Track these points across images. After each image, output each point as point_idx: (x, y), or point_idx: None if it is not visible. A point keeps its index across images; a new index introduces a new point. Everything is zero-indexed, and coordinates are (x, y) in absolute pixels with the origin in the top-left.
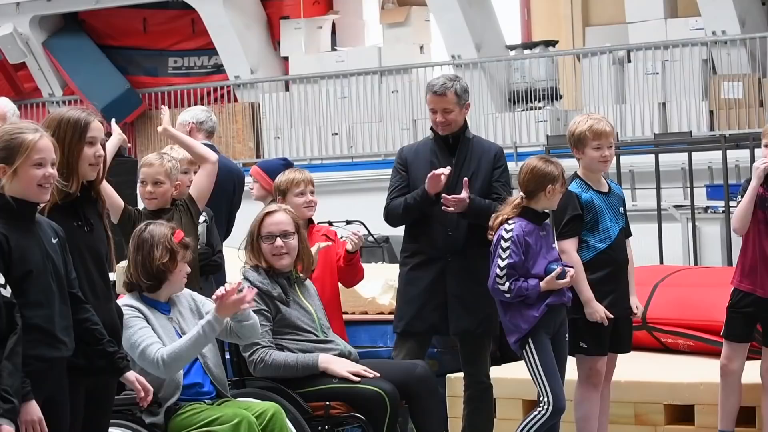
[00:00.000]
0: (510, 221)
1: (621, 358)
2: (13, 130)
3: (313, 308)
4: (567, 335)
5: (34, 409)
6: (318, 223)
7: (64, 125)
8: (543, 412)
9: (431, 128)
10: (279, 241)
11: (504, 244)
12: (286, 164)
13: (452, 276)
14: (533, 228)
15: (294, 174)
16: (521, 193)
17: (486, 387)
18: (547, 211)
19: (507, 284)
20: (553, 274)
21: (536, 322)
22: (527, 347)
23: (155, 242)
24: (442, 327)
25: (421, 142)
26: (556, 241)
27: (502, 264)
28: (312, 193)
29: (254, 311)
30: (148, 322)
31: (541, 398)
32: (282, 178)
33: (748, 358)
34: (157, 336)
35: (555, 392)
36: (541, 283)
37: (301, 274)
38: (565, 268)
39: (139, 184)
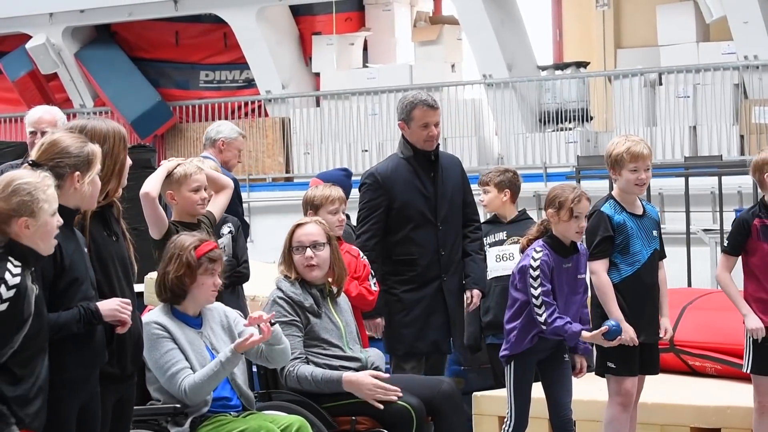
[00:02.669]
0: (538, 247)
1: (648, 380)
2: (77, 139)
3: (343, 323)
4: (566, 356)
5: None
6: None
7: (113, 136)
8: (506, 427)
9: (407, 146)
10: (309, 252)
11: (533, 273)
12: (348, 175)
13: (450, 295)
14: (557, 259)
15: (329, 191)
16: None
17: None
18: (576, 242)
19: (545, 315)
20: (600, 330)
21: (524, 350)
22: (510, 366)
23: (174, 255)
24: (444, 345)
25: (391, 162)
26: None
27: (536, 293)
28: (344, 211)
29: (286, 322)
30: (176, 341)
31: (508, 414)
32: (316, 192)
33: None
34: (184, 356)
35: (518, 411)
36: (585, 334)
37: (333, 287)
38: (614, 328)
39: (189, 192)
